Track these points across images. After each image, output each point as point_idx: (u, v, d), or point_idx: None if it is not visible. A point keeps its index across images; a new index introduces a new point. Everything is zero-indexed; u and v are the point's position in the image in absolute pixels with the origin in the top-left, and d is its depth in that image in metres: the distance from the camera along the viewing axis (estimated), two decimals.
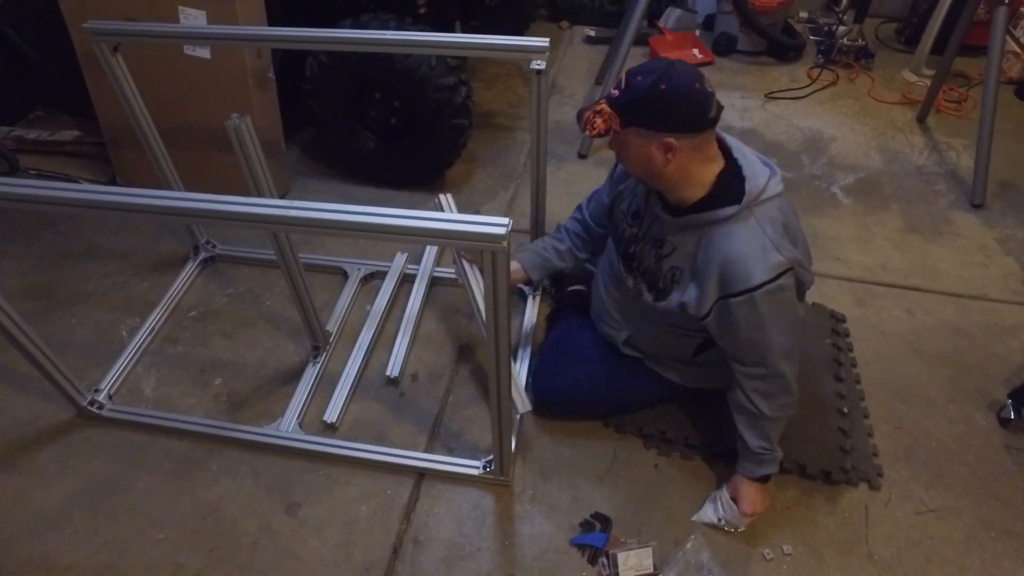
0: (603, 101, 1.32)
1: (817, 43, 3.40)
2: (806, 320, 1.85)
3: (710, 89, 1.28)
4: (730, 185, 1.33)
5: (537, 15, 3.59)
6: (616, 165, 1.64)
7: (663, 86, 1.25)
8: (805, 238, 1.43)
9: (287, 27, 1.71)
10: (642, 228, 1.49)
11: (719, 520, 1.56)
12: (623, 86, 1.29)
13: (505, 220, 1.07)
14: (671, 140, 1.28)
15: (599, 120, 1.30)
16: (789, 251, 1.31)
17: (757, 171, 1.33)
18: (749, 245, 1.29)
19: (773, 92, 3.14)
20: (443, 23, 2.59)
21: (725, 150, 1.38)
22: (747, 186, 1.31)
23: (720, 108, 1.30)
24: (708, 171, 1.35)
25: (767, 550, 1.53)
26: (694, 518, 1.58)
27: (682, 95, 1.26)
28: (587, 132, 1.32)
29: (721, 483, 1.61)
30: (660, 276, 1.45)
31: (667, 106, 1.26)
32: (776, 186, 1.34)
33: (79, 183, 2.47)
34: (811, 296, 2.09)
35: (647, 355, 1.66)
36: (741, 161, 1.35)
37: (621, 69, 2.73)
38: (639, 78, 1.27)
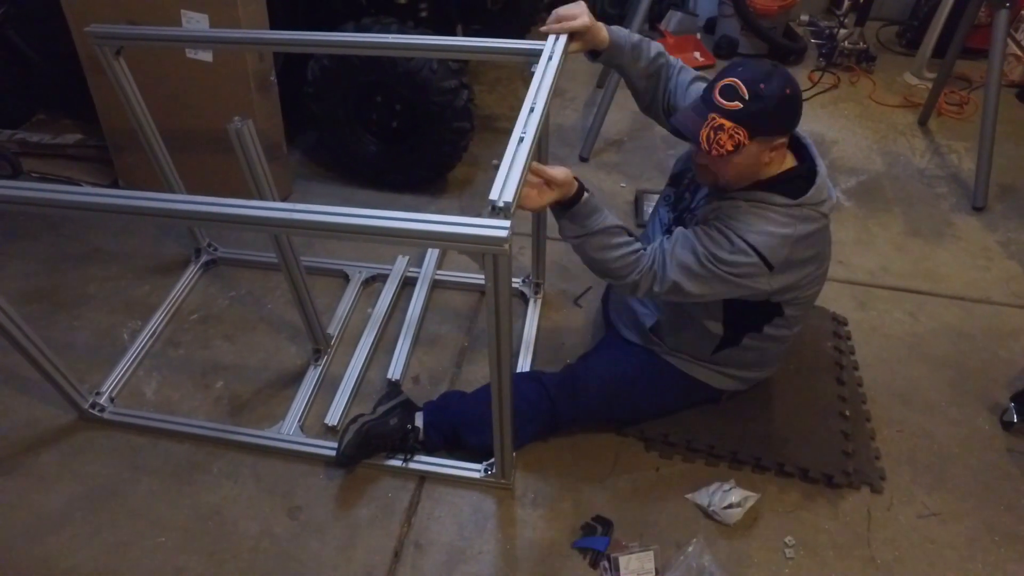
0: (717, 116, 1.22)
1: (818, 46, 3.40)
2: (807, 324, 1.86)
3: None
4: (794, 180, 1.33)
5: (538, 18, 3.59)
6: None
7: (788, 90, 1.22)
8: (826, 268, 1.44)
9: (289, 31, 1.72)
10: (693, 200, 1.50)
11: (708, 506, 1.57)
12: (746, 96, 1.20)
13: (506, 223, 1.07)
14: (783, 140, 1.28)
15: (723, 137, 1.21)
16: (785, 265, 1.31)
17: (824, 184, 1.33)
18: (773, 235, 1.29)
19: None
20: (444, 27, 2.59)
21: (801, 146, 1.38)
22: (814, 188, 1.31)
23: None
24: (788, 161, 1.36)
25: (769, 553, 1.52)
26: (688, 495, 1.60)
27: (799, 93, 1.26)
28: (713, 153, 1.23)
29: (723, 484, 1.60)
30: None
31: (795, 110, 1.26)
32: (827, 208, 1.34)
33: (81, 186, 2.48)
34: None
35: (669, 344, 1.61)
36: (819, 167, 1.35)
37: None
38: (762, 86, 1.20)
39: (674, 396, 1.68)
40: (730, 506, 1.56)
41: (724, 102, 1.22)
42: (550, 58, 1.39)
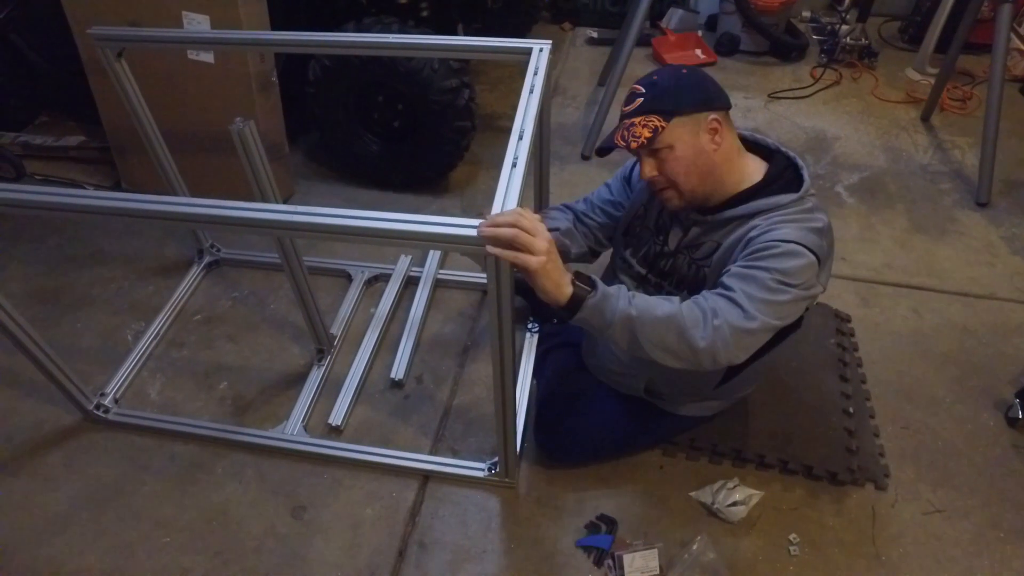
0: (625, 121, 1.25)
1: (820, 42, 3.39)
2: (809, 321, 1.84)
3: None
4: (782, 175, 1.29)
5: (539, 17, 3.59)
6: (630, 171, 1.54)
7: (683, 71, 1.25)
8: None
9: (290, 31, 1.72)
10: (671, 241, 1.39)
11: (712, 504, 1.57)
12: (642, 91, 1.24)
13: None
14: (716, 117, 1.24)
15: (637, 129, 1.21)
16: (828, 250, 1.23)
17: (807, 170, 1.30)
18: (807, 228, 1.19)
19: (776, 92, 3.13)
20: (445, 26, 2.59)
21: (762, 147, 1.36)
22: (805, 174, 1.28)
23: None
24: (751, 159, 1.32)
25: (773, 551, 1.52)
26: (692, 493, 1.60)
27: (701, 74, 1.26)
28: (632, 146, 1.23)
29: (727, 481, 1.60)
30: (702, 281, 1.32)
31: (697, 82, 1.25)
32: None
33: (84, 188, 2.49)
34: None
35: (667, 396, 1.55)
36: (794, 156, 1.32)
37: (623, 70, 2.73)
38: (655, 77, 1.25)
39: (668, 433, 1.66)
40: (734, 504, 1.56)
41: (629, 108, 1.26)
42: (532, 90, 1.38)
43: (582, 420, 1.61)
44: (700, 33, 3.48)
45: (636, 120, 1.23)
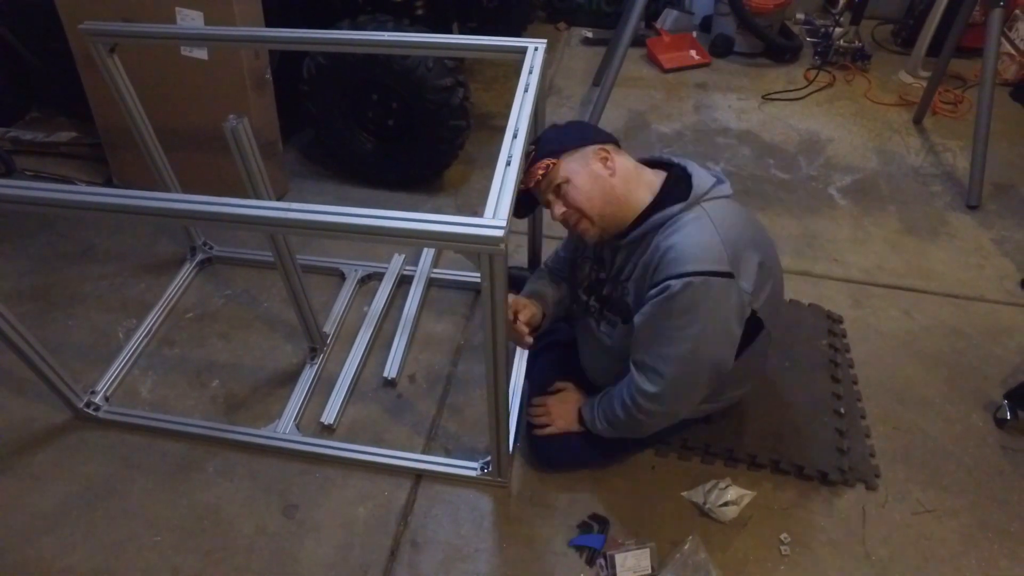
0: (529, 166, 1.39)
1: (814, 45, 3.41)
2: (802, 322, 1.85)
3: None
4: (677, 186, 1.35)
5: (534, 16, 3.60)
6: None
7: (562, 124, 1.45)
8: (774, 247, 1.41)
9: (284, 28, 1.71)
10: (607, 268, 1.47)
11: (703, 503, 1.57)
12: (533, 147, 1.40)
13: (503, 222, 1.08)
14: (602, 147, 1.38)
15: (533, 171, 1.38)
16: (740, 257, 1.26)
17: (702, 174, 1.35)
18: (698, 236, 1.25)
19: (770, 94, 3.14)
20: (440, 24, 2.59)
21: (666, 164, 1.42)
22: (693, 182, 1.32)
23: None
24: (653, 178, 1.38)
25: (764, 550, 1.53)
26: (683, 493, 1.61)
27: (580, 122, 1.49)
28: (532, 185, 1.39)
29: (718, 481, 1.61)
30: (627, 304, 1.40)
31: (578, 128, 1.45)
32: (724, 189, 1.34)
33: (76, 184, 2.47)
34: (808, 297, 2.11)
35: None
36: (688, 166, 1.37)
37: (618, 70, 2.74)
38: (540, 135, 1.46)
39: (659, 434, 1.62)
40: (726, 504, 1.56)
41: (526, 165, 1.38)
42: (526, 89, 1.42)
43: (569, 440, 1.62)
44: (695, 34, 3.49)
45: (531, 169, 1.38)
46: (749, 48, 3.40)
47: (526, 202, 1.44)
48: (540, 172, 1.37)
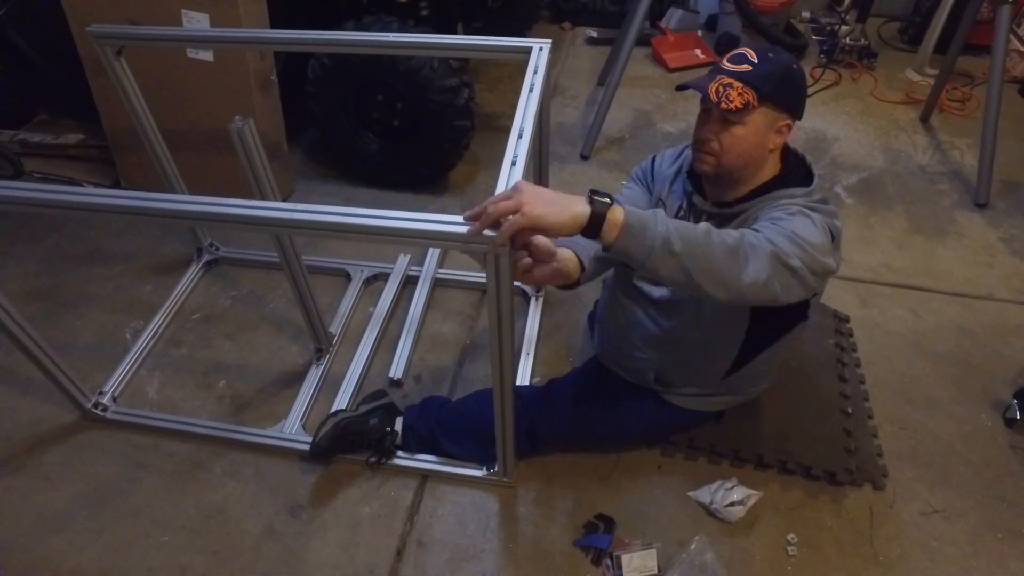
0: (726, 76, 1.22)
1: (819, 43, 3.40)
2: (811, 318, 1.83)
3: None
4: (796, 170, 1.32)
5: (539, 16, 3.59)
6: (650, 165, 1.51)
7: (795, 66, 1.26)
8: None
9: (290, 30, 1.72)
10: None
11: (710, 504, 1.57)
12: (755, 60, 1.22)
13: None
14: (789, 123, 1.28)
15: (733, 93, 1.20)
16: (836, 236, 1.21)
17: (814, 165, 1.34)
18: (809, 223, 1.17)
19: None
20: (445, 25, 2.59)
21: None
22: (814, 170, 1.31)
23: None
24: (776, 158, 1.34)
25: (772, 551, 1.52)
26: (690, 493, 1.61)
27: (804, 78, 1.28)
28: (722, 106, 1.20)
29: (725, 481, 1.60)
30: None
31: (799, 85, 1.28)
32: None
33: (83, 186, 2.48)
34: None
35: (676, 386, 1.54)
36: (800, 152, 1.35)
37: (623, 70, 2.73)
38: (771, 54, 1.24)
39: (668, 427, 1.66)
40: (732, 504, 1.56)
41: (732, 66, 1.24)
42: (531, 89, 1.40)
43: (590, 411, 1.62)
44: (700, 33, 3.48)
45: (735, 83, 1.21)
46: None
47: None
48: (738, 103, 1.19)
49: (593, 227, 1.02)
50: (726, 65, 1.25)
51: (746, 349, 1.43)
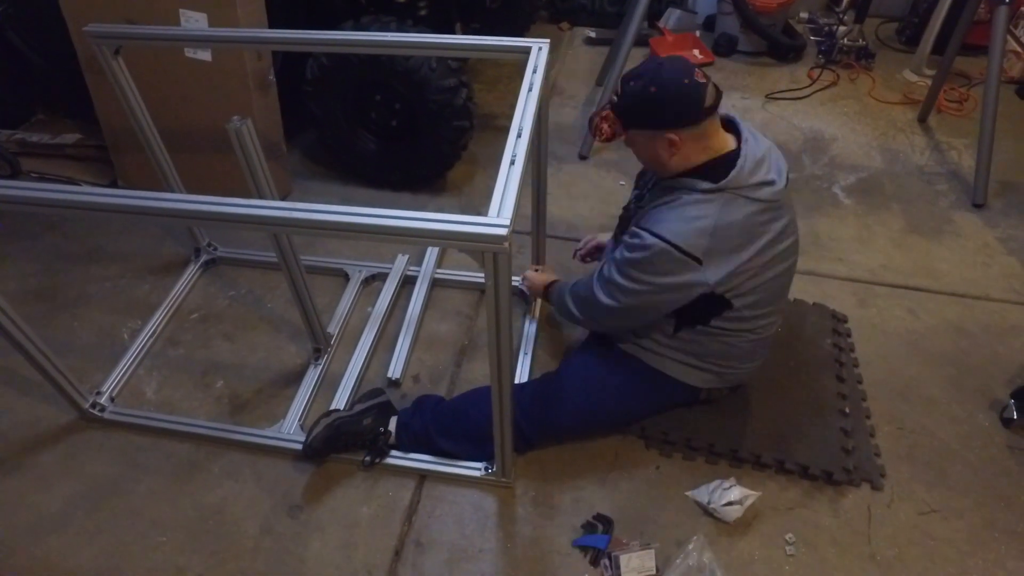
0: (608, 107, 1.40)
1: (817, 43, 3.40)
2: (807, 321, 1.85)
3: (702, 80, 1.32)
4: (722, 166, 1.36)
5: (537, 17, 3.59)
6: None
7: (652, 88, 1.32)
8: (791, 255, 1.47)
9: (288, 29, 1.72)
10: (645, 188, 1.58)
11: (708, 503, 1.57)
12: (619, 91, 1.37)
13: (506, 221, 1.07)
14: (672, 136, 1.34)
15: (605, 125, 1.40)
16: (719, 252, 1.34)
17: (750, 166, 1.35)
18: (694, 213, 1.33)
19: (774, 93, 3.14)
20: (443, 25, 2.59)
21: (738, 135, 1.40)
22: (733, 171, 1.34)
23: (719, 94, 1.35)
24: (719, 144, 1.39)
25: (769, 550, 1.53)
26: (688, 493, 1.61)
27: (672, 94, 1.32)
28: (596, 137, 1.43)
29: (723, 481, 1.60)
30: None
31: (659, 106, 1.33)
32: (766, 193, 1.35)
33: (81, 186, 2.48)
34: (813, 296, 2.10)
35: (635, 334, 1.59)
36: (749, 150, 1.36)
37: (621, 70, 2.73)
38: (632, 83, 1.35)
39: (648, 396, 1.65)
40: (730, 504, 1.56)
41: (612, 96, 1.39)
42: (530, 88, 1.42)
43: (565, 369, 1.70)
44: (698, 33, 3.49)
45: (610, 115, 1.39)
46: (753, 47, 3.40)
47: None
48: (607, 133, 1.41)
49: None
50: (612, 96, 1.40)
51: (677, 314, 1.49)
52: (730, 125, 1.43)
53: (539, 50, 1.51)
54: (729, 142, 1.39)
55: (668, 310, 1.46)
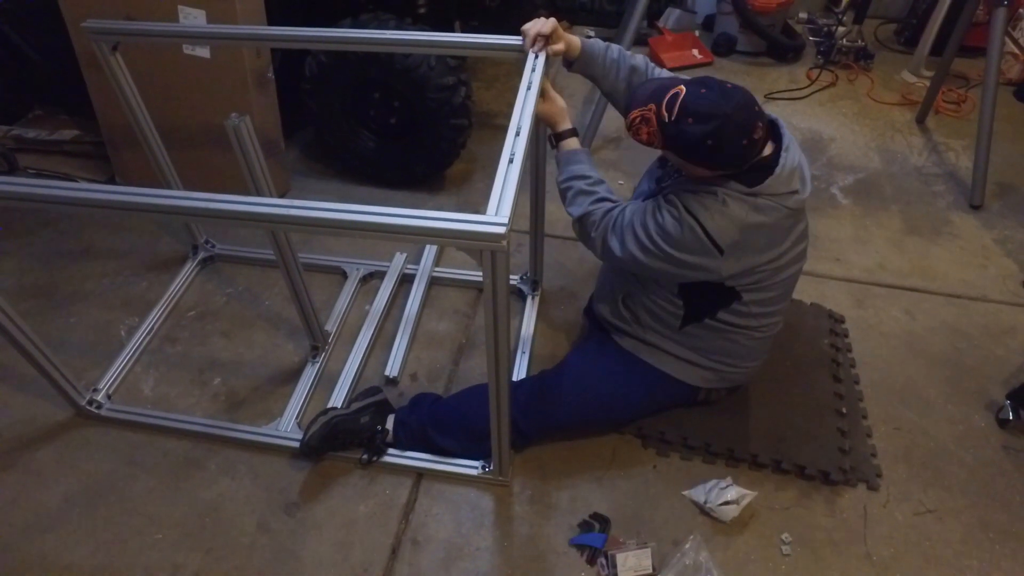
0: (653, 108, 1.29)
1: (816, 44, 3.40)
2: (804, 322, 1.85)
3: (758, 136, 1.28)
4: (758, 171, 1.34)
5: (537, 15, 3.58)
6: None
7: (710, 141, 1.25)
8: (800, 260, 1.47)
9: (286, 27, 1.71)
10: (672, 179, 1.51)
11: (704, 503, 1.57)
12: (674, 116, 1.27)
13: (504, 219, 1.07)
14: (706, 173, 1.35)
15: (644, 129, 1.32)
16: (743, 250, 1.35)
17: (790, 177, 1.34)
18: (732, 208, 1.32)
19: (772, 93, 3.14)
20: (442, 23, 2.59)
21: (777, 139, 1.38)
22: (770, 178, 1.32)
23: (768, 130, 1.34)
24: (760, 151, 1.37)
25: (765, 550, 1.53)
26: (684, 492, 1.61)
27: (727, 154, 1.28)
28: (629, 133, 1.36)
29: (720, 481, 1.60)
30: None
31: (710, 156, 1.29)
32: (793, 200, 1.35)
33: (78, 182, 2.47)
34: (810, 296, 2.11)
35: (641, 324, 1.59)
36: (781, 158, 1.34)
37: None
38: (690, 120, 1.25)
39: (646, 395, 1.64)
40: (727, 503, 1.56)
41: (663, 104, 1.29)
42: (529, 87, 1.42)
43: (564, 365, 1.67)
44: (697, 33, 3.49)
45: (652, 121, 1.30)
46: (752, 47, 3.40)
47: None
48: (643, 137, 1.33)
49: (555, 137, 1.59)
50: (664, 96, 1.28)
51: (688, 301, 1.50)
52: (771, 127, 1.39)
53: (536, 58, 1.52)
54: (766, 149, 1.37)
55: (661, 280, 1.47)
